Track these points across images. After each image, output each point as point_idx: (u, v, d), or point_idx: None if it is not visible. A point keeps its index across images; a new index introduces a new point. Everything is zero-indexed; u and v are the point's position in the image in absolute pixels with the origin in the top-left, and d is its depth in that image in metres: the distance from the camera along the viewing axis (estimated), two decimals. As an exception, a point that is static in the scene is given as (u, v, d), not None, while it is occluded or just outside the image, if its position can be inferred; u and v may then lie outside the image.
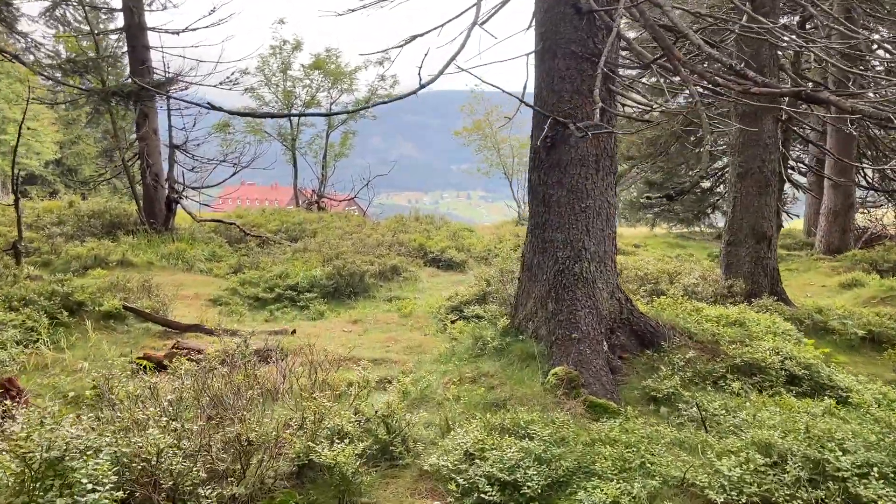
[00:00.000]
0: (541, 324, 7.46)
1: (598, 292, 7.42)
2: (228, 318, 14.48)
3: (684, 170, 29.34)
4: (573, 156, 7.36)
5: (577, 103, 7.28)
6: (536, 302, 7.60)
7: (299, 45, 33.01)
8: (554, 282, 7.44)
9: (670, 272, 11.66)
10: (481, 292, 12.82)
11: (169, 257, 18.52)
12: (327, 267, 16.50)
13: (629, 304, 7.71)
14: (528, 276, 7.86)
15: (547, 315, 7.39)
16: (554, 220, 7.48)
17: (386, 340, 11.25)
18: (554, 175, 7.48)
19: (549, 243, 7.53)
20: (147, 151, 21.69)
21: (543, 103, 7.54)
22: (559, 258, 7.44)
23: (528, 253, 7.87)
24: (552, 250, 7.50)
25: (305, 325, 13.21)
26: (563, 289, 7.35)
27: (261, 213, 26.14)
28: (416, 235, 21.46)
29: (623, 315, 7.61)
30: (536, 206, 7.71)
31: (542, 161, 7.60)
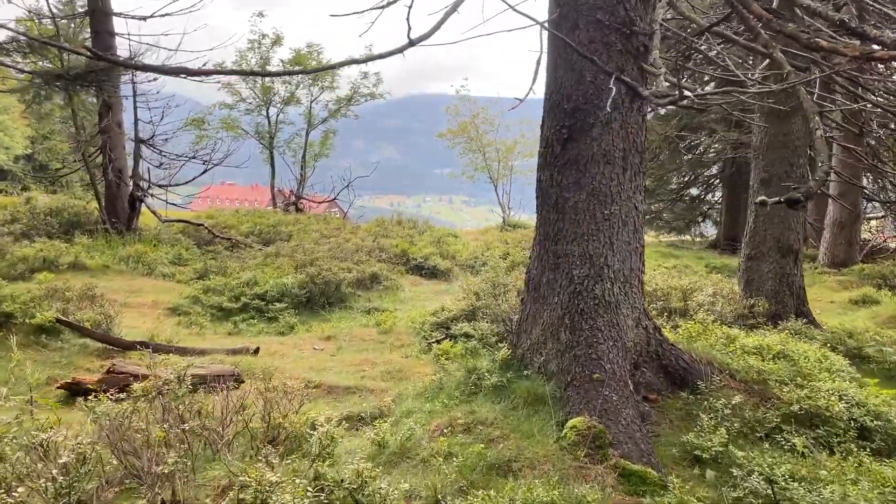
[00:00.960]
0: (551, 357, 5.96)
1: (623, 319, 5.94)
2: (187, 330, 12.90)
3: (676, 177, 28.07)
4: (595, 151, 5.88)
5: (603, 85, 5.80)
6: (545, 330, 6.10)
7: (279, 40, 31.30)
8: (569, 306, 5.94)
9: (683, 288, 10.22)
10: (470, 307, 11.33)
11: (128, 260, 16.83)
12: (300, 274, 14.93)
13: (658, 333, 6.24)
14: (534, 296, 6.37)
15: (559, 347, 5.89)
16: (569, 229, 5.99)
17: (361, 363, 9.71)
18: (571, 174, 5.99)
19: (562, 258, 6.04)
20: (109, 145, 19.95)
21: (559, 85, 6.07)
22: (575, 277, 5.94)
23: (536, 269, 6.38)
24: (566, 266, 6.01)
25: (271, 342, 11.63)
26: (580, 315, 5.86)
27: (234, 214, 24.47)
28: (399, 241, 19.92)
29: (651, 347, 6.13)
30: (547, 213, 6.22)
31: (555, 157, 6.11)
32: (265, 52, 31.21)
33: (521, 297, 6.72)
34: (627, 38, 5.82)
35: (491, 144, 36.80)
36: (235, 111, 31.51)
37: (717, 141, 22.84)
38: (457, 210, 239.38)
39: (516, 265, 16.24)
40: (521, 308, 6.71)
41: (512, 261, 16.45)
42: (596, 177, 5.87)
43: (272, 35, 31.11)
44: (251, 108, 31.56)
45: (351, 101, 32.41)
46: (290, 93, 31.59)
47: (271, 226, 21.95)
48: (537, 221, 6.44)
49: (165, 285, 15.76)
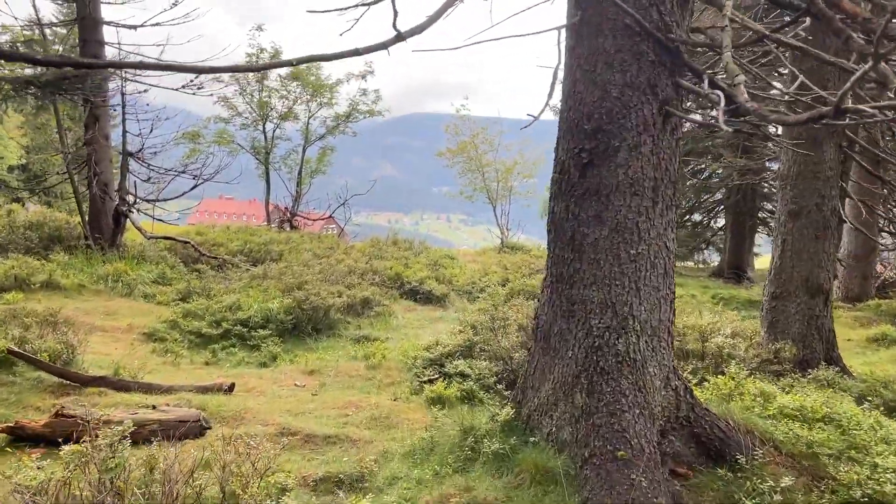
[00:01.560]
0: (564, 423, 4.97)
1: (650, 380, 4.96)
2: (161, 358, 11.87)
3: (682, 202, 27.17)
4: (621, 179, 4.93)
5: (631, 101, 4.86)
6: (557, 388, 5.11)
7: (277, 55, 30.52)
8: (586, 362, 4.96)
9: (701, 329, 9.24)
10: (467, 342, 10.32)
11: (106, 279, 15.80)
12: (287, 298, 13.91)
13: (689, 395, 5.24)
14: (543, 347, 5.38)
15: (574, 412, 4.90)
16: (588, 271, 5.02)
17: (346, 405, 8.68)
18: (590, 206, 5.03)
19: (578, 304, 5.06)
20: (95, 158, 18.98)
21: (578, 100, 5.13)
22: (594, 328, 4.97)
23: (546, 315, 5.39)
24: (583, 315, 5.03)
25: (250, 375, 10.61)
26: (599, 374, 4.87)
27: (224, 231, 23.48)
28: (393, 263, 18.92)
29: (681, 412, 5.14)
30: (561, 250, 5.25)
31: (572, 185, 5.15)
32: (263, 66, 30.38)
33: (528, 346, 5.74)
34: (662, 48, 4.89)
35: (490, 165, 36.05)
36: (231, 126, 30.66)
37: (723, 166, 21.95)
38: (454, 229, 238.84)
39: (515, 293, 15.25)
40: (527, 359, 5.72)
41: (511, 288, 15.47)
42: (621, 210, 4.91)
43: (270, 49, 30.34)
44: (247, 123, 30.71)
45: (349, 118, 31.57)
46: (288, 108, 30.78)
47: (262, 244, 20.95)
48: (549, 260, 5.47)
49: (144, 307, 14.74)
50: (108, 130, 19.59)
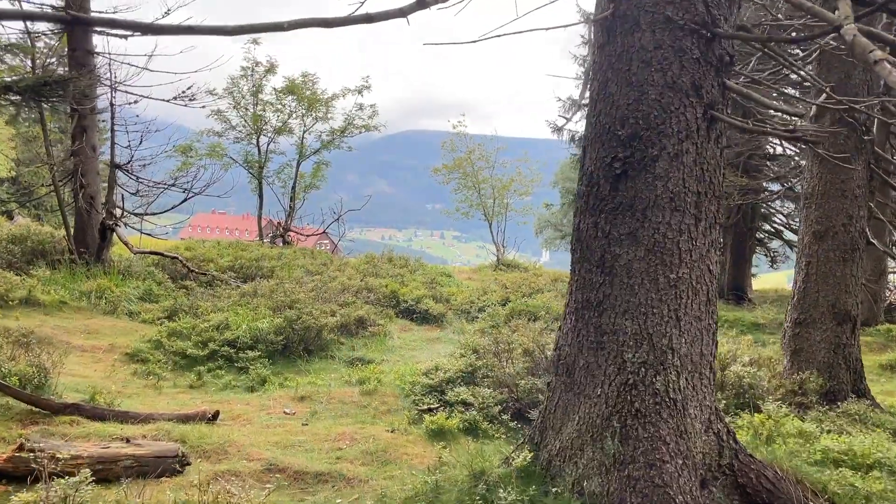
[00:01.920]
0: (592, 472, 4.31)
1: (691, 423, 4.30)
2: (143, 381, 11.16)
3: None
4: (660, 192, 4.31)
5: (672, 104, 4.25)
6: (583, 430, 4.46)
7: (273, 68, 29.96)
8: (618, 402, 4.32)
9: (721, 357, 8.60)
10: (468, 367, 9.64)
11: (89, 295, 15.05)
12: (277, 318, 13.21)
13: (733, 440, 4.59)
14: (566, 382, 4.72)
15: (604, 459, 4.25)
16: (621, 297, 4.38)
17: (339, 437, 7.98)
18: (624, 223, 4.41)
19: (609, 335, 4.42)
20: (82, 170, 18.27)
21: (610, 103, 4.52)
22: (628, 363, 4.33)
23: (570, 345, 4.74)
24: (615, 347, 4.39)
25: (236, 401, 9.90)
26: (635, 417, 4.22)
27: (214, 246, 22.75)
28: (388, 281, 18.25)
29: (723, 460, 4.48)
30: (588, 272, 4.61)
31: (602, 199, 4.53)
32: (258, 79, 29.86)
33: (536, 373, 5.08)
34: (707, 44, 4.29)
35: (486, 181, 35.54)
36: (225, 139, 30.01)
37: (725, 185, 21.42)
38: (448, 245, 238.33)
39: (516, 313, 14.60)
40: (546, 395, 5.06)
41: (512, 308, 14.82)
42: (659, 228, 4.29)
43: (266, 63, 29.79)
44: (241, 137, 30.07)
45: (345, 133, 30.98)
46: (283, 122, 30.18)
47: (253, 260, 20.22)
48: (573, 283, 4.82)
49: (128, 325, 14.02)
50: (95, 142, 18.90)
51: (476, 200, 35.36)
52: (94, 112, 18.81)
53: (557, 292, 17.03)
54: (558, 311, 14.55)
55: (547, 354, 9.27)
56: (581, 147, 4.77)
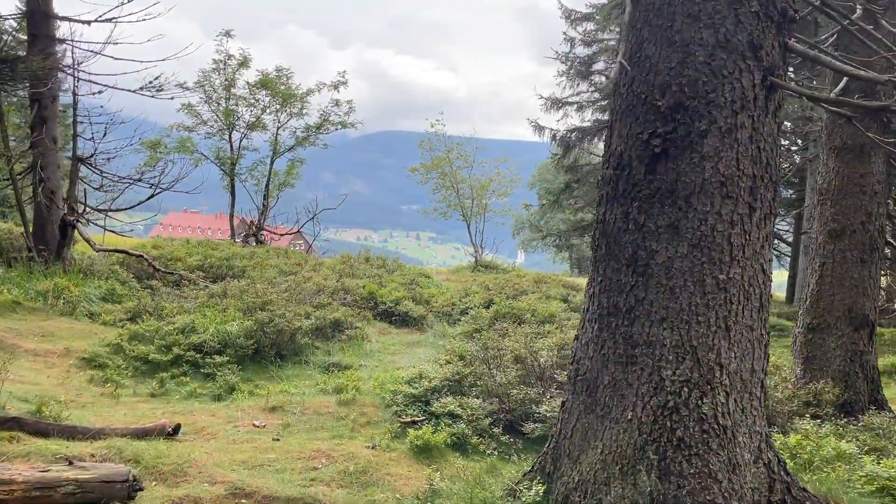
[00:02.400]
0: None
1: (740, 453, 3.56)
2: (99, 389, 10.24)
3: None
4: (708, 175, 3.58)
5: (725, 68, 3.52)
6: (609, 461, 3.70)
7: (246, 62, 28.91)
8: (655, 428, 3.58)
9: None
10: (455, 375, 8.86)
11: (46, 296, 13.99)
12: (248, 320, 12.31)
13: (784, 471, 3.87)
14: (587, 402, 3.97)
15: (639, 498, 3.50)
16: (658, 302, 3.65)
17: (314, 455, 7.15)
18: (662, 213, 3.67)
19: (643, 348, 3.68)
20: (41, 163, 17.19)
21: (647, 68, 3.78)
22: (667, 381, 3.59)
23: (591, 359, 3.98)
24: (650, 362, 3.65)
25: (201, 412, 9.02)
26: (676, 448, 3.48)
27: (183, 245, 21.71)
28: (366, 282, 17.39)
29: (774, 495, 3.75)
30: (615, 272, 3.87)
31: (634, 184, 3.78)
32: (231, 73, 28.81)
33: (563, 398, 4.31)
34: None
35: (465, 181, 34.86)
36: (196, 134, 28.90)
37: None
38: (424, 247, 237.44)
39: (501, 316, 13.84)
40: (560, 415, 4.28)
41: (496, 311, 14.06)
42: (707, 219, 3.56)
43: (239, 56, 28.75)
44: (212, 132, 28.98)
45: (320, 129, 30.03)
46: (256, 117, 29.14)
47: (223, 259, 19.24)
48: (594, 285, 4.07)
49: (86, 328, 13.02)
50: (56, 133, 17.83)
51: (454, 200, 34.71)
52: (55, 102, 17.75)
53: (542, 294, 16.34)
54: (545, 314, 13.83)
55: (540, 362, 8.54)
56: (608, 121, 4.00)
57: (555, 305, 14.74)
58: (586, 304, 4.19)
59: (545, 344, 9.01)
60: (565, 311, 14.69)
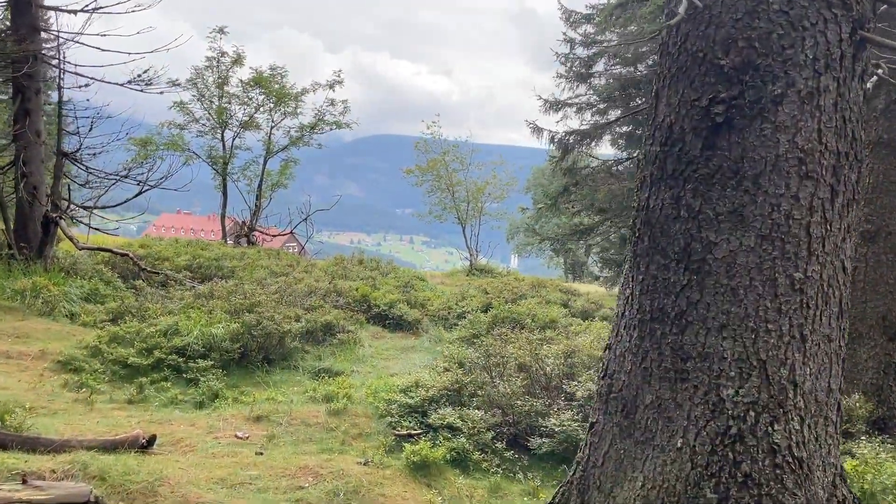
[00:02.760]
0: (669, 562, 2.88)
1: (815, 491, 2.89)
2: (73, 394, 9.53)
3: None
4: (783, 151, 2.94)
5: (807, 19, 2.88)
6: (653, 498, 3.06)
7: (240, 60, 28.19)
8: (713, 460, 2.93)
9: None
10: (454, 384, 8.17)
11: (24, 295, 13.24)
12: (234, 322, 11.60)
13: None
14: (623, 425, 3.31)
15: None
16: (716, 305, 3.00)
17: (300, 472, 6.45)
18: (723, 197, 3.02)
19: (696, 361, 3.03)
20: (24, 157, 16.42)
21: (705, 19, 3.13)
22: (727, 402, 2.94)
23: (628, 373, 3.33)
24: (706, 379, 3.00)
25: (180, 422, 8.31)
26: (743, 486, 2.82)
27: (172, 244, 20.99)
28: (360, 284, 16.70)
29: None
30: (661, 269, 3.22)
31: (687, 162, 3.13)
32: (224, 70, 28.09)
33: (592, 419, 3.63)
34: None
35: (460, 184, 34.25)
36: (187, 132, 28.15)
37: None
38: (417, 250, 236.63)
39: (499, 321, 13.16)
40: (587, 438, 3.61)
41: (494, 315, 13.38)
42: (780, 204, 2.92)
43: (232, 53, 28.04)
44: (204, 131, 28.22)
45: (315, 129, 29.32)
46: (249, 116, 28.40)
47: (212, 259, 18.51)
48: (632, 284, 3.41)
49: (64, 329, 12.28)
50: (40, 126, 17.06)
51: (450, 203, 34.09)
52: (38, 94, 17.01)
53: (542, 298, 15.67)
54: (545, 319, 13.17)
55: (546, 371, 7.86)
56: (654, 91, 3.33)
57: (555, 310, 14.09)
58: (621, 307, 3.53)
59: (551, 351, 8.34)
60: (566, 317, 14.04)
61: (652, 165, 3.30)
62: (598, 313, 14.99)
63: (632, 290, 3.40)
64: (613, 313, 4.69)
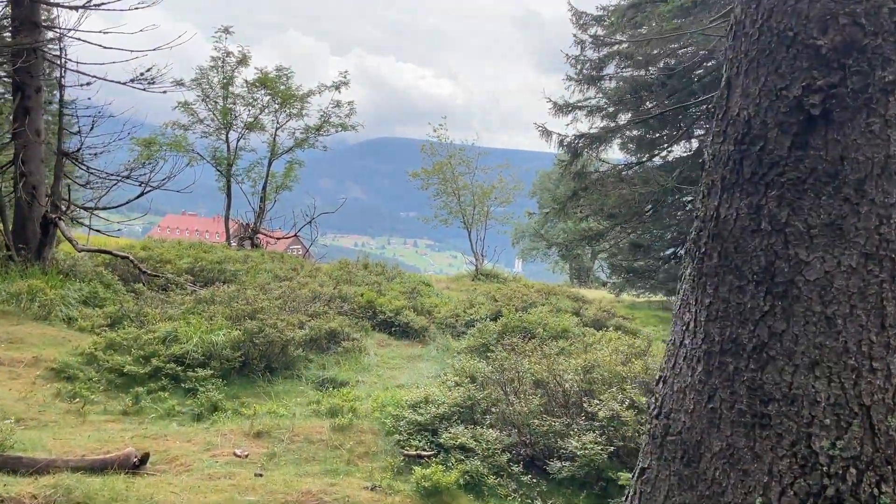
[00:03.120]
0: None
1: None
2: (65, 405, 9.08)
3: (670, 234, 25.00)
4: (892, 151, 2.41)
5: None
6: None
7: (245, 60, 27.74)
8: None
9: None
10: (467, 400, 7.65)
11: (19, 298, 12.76)
12: (235, 329, 11.11)
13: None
14: (681, 475, 2.80)
15: None
16: (806, 337, 2.48)
17: (302, 498, 5.94)
18: (817, 207, 2.52)
19: (781, 403, 2.51)
20: (23, 156, 15.98)
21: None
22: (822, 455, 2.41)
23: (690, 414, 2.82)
24: (792, 426, 2.49)
25: (176, 437, 7.81)
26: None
27: (174, 247, 20.51)
28: (365, 289, 16.19)
29: None
30: (735, 292, 2.70)
31: (771, 164, 2.62)
32: (229, 71, 27.65)
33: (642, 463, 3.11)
34: None
35: (466, 187, 33.72)
36: (191, 133, 27.68)
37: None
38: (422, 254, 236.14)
39: (510, 330, 12.63)
40: (635, 486, 3.09)
41: (504, 324, 12.85)
42: (892, 214, 2.39)
43: (237, 53, 27.59)
44: (209, 132, 27.75)
45: (320, 131, 28.84)
46: (254, 117, 27.94)
47: (215, 262, 18.03)
48: (697, 306, 2.89)
49: (60, 334, 11.80)
50: (40, 125, 16.62)
51: (455, 207, 33.55)
52: (39, 92, 16.55)
53: (552, 306, 15.13)
54: (557, 329, 12.63)
55: (565, 387, 7.34)
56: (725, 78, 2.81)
57: (567, 319, 13.55)
58: (678, 334, 3.01)
59: (569, 366, 7.81)
60: (578, 326, 13.49)
61: (723, 168, 2.78)
62: (610, 322, 14.44)
63: (694, 316, 2.88)
64: (664, 338, 4.02)
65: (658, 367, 3.43)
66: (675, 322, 3.07)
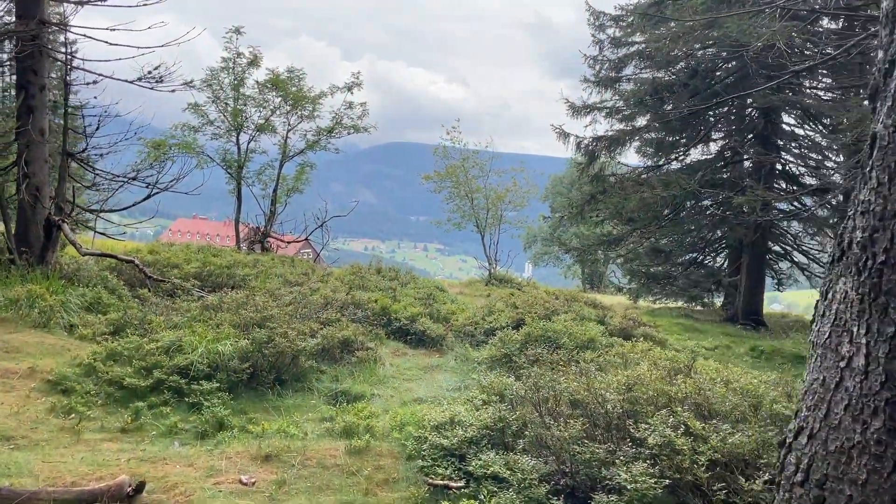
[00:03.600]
0: None
1: None
2: (59, 420, 8.39)
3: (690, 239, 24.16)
4: None
5: None
6: None
7: (256, 61, 27.09)
8: None
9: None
10: (498, 422, 6.86)
11: (17, 304, 12.08)
12: (244, 339, 10.38)
13: None
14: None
15: None
16: None
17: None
18: None
19: None
20: (27, 157, 15.33)
21: None
22: None
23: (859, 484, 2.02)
24: None
25: (176, 460, 7.05)
26: None
27: (182, 250, 19.81)
28: (378, 295, 15.44)
29: None
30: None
31: None
32: (240, 72, 27.01)
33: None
34: None
35: (480, 191, 32.93)
36: (201, 135, 27.04)
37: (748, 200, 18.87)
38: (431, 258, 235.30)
39: (533, 340, 11.84)
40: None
41: (527, 333, 12.06)
42: None
43: (248, 54, 26.95)
44: (219, 133, 27.11)
45: (332, 133, 28.16)
46: (265, 119, 27.28)
47: (224, 267, 17.32)
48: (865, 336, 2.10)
49: (59, 343, 11.11)
50: (45, 125, 15.96)
51: (468, 211, 32.78)
52: (43, 91, 15.92)
53: (576, 314, 14.33)
54: (583, 339, 11.82)
55: (608, 408, 6.55)
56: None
57: (592, 328, 12.75)
58: (833, 371, 2.21)
59: (611, 384, 7.02)
60: (604, 335, 12.68)
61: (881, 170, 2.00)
62: (637, 331, 13.61)
63: (866, 350, 2.10)
64: (702, 352, 3.19)
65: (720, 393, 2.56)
66: (823, 355, 2.28)
